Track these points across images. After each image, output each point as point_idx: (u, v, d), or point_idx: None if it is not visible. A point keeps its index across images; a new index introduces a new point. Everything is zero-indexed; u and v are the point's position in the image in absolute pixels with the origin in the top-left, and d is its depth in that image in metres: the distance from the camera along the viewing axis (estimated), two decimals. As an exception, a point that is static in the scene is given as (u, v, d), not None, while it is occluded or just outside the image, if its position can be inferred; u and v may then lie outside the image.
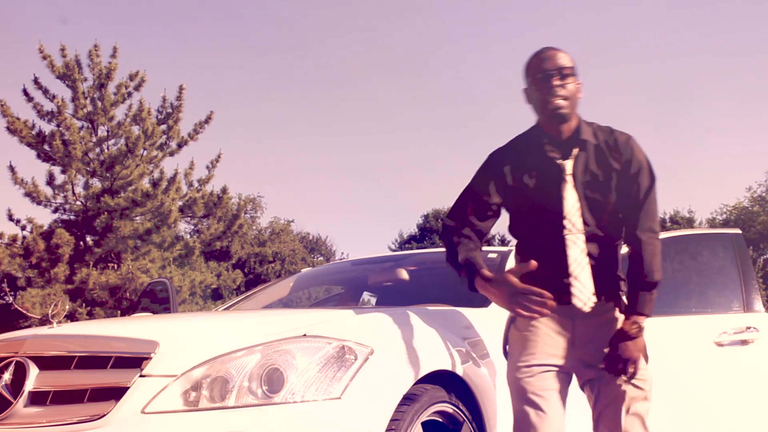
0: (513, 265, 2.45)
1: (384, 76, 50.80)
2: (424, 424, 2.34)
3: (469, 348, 2.62)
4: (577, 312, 2.33)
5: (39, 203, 14.72)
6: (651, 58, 49.17)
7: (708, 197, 56.42)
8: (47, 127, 14.56)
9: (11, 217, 14.65)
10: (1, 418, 2.14)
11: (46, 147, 14.31)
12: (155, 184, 14.43)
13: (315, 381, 2.12)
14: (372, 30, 50.45)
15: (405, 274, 3.86)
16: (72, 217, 15.10)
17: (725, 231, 3.86)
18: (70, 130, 14.22)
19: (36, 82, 14.57)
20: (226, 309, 4.10)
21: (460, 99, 50.16)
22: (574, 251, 2.31)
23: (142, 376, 2.09)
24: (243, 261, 29.36)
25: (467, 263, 2.34)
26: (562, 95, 2.30)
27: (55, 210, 15.09)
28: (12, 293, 14.53)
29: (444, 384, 2.44)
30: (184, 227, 19.52)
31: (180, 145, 15.56)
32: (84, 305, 14.03)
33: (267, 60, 48.68)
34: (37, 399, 2.17)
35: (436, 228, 35.79)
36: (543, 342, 2.35)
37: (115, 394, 2.08)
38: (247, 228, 24.32)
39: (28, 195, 14.50)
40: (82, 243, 14.92)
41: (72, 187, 14.85)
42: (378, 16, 50.52)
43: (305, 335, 2.23)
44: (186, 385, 2.07)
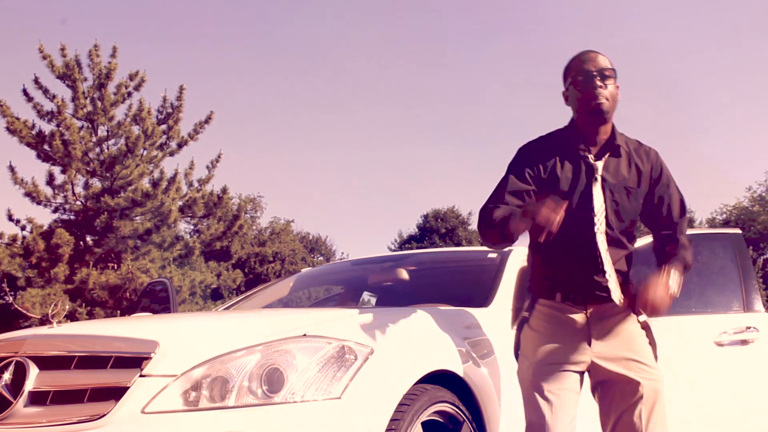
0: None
1: (384, 76, 50.84)
2: (424, 424, 2.34)
3: (469, 348, 2.62)
4: (593, 313, 2.38)
5: (39, 203, 14.73)
6: (651, 58, 49.20)
7: (708, 197, 56.43)
8: (47, 127, 14.58)
9: (11, 217, 14.66)
10: (1, 418, 2.14)
11: (46, 147, 14.31)
12: (155, 184, 14.44)
13: (315, 381, 2.12)
14: (372, 30, 50.49)
15: (405, 274, 3.86)
16: (72, 217, 15.10)
17: (725, 231, 3.86)
18: (70, 130, 14.22)
19: (36, 82, 14.57)
20: (226, 309, 4.10)
21: (460, 99, 50.19)
22: (602, 248, 2.38)
23: (142, 376, 2.09)
24: (243, 261, 29.35)
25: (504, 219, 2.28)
26: (604, 95, 2.35)
27: (55, 210, 15.10)
28: (12, 293, 14.53)
29: (444, 384, 2.44)
30: (184, 227, 19.49)
31: (180, 145, 15.57)
32: (84, 305, 14.03)
33: (267, 60, 48.71)
34: (37, 399, 2.17)
35: (436, 228, 35.79)
36: (561, 341, 2.38)
37: (115, 394, 2.08)
38: (247, 228, 24.30)
39: (28, 195, 14.50)
40: (82, 243, 14.92)
41: (72, 187, 14.86)
42: (378, 16, 50.55)
43: (305, 335, 2.23)
44: (186, 385, 2.07)
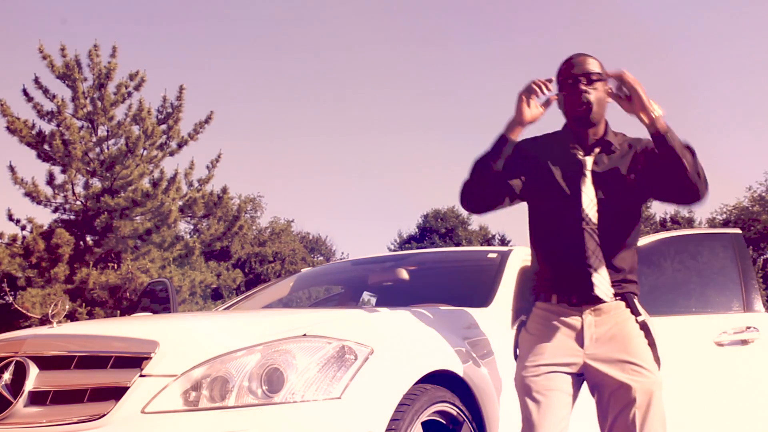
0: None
1: (384, 76, 50.82)
2: (424, 424, 2.34)
3: (469, 348, 2.62)
4: (587, 312, 2.36)
5: (39, 203, 14.73)
6: (651, 57, 49.18)
7: (708, 197, 56.34)
8: (47, 127, 14.60)
9: (11, 217, 14.66)
10: (1, 418, 2.14)
11: (46, 147, 14.32)
12: (155, 184, 14.44)
13: (315, 381, 2.12)
14: (372, 30, 50.48)
15: (405, 274, 3.86)
16: (72, 217, 15.10)
17: (725, 231, 3.86)
18: (70, 129, 14.22)
19: (36, 81, 14.58)
20: (226, 309, 4.10)
21: (460, 99, 50.17)
22: (591, 244, 2.36)
23: (142, 375, 2.09)
24: (243, 261, 29.35)
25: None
26: (587, 99, 2.35)
27: (55, 210, 15.11)
28: (12, 293, 14.53)
29: (444, 384, 2.44)
30: (184, 227, 19.50)
31: (180, 145, 15.57)
32: (84, 305, 14.03)
33: (267, 60, 48.71)
34: (37, 399, 2.17)
35: (436, 228, 35.79)
36: (553, 345, 2.37)
37: (115, 394, 2.08)
38: (247, 228, 24.30)
39: (28, 195, 14.51)
40: (82, 243, 14.92)
41: (72, 187, 14.86)
42: (378, 16, 50.54)
43: (305, 335, 2.23)
44: (186, 385, 2.07)
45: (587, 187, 2.39)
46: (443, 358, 2.46)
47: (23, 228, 14.67)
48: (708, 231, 4.52)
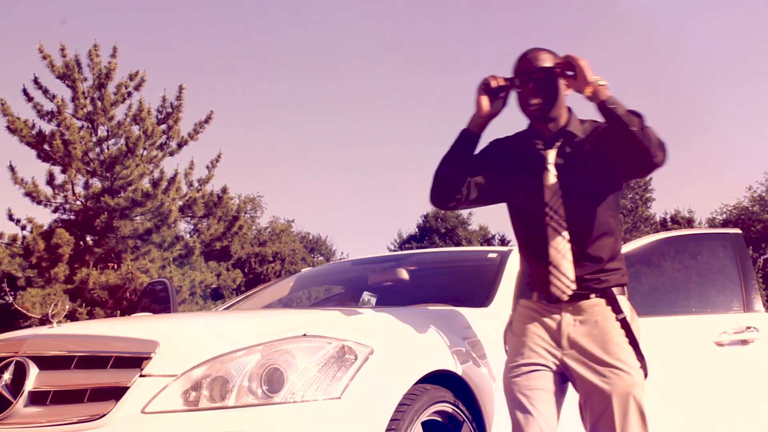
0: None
1: (384, 76, 50.84)
2: (424, 424, 2.34)
3: (469, 348, 2.62)
4: (567, 311, 2.32)
5: (39, 203, 14.73)
6: (651, 57, 49.19)
7: (708, 197, 56.42)
8: (47, 127, 14.60)
9: (11, 217, 14.67)
10: (1, 418, 2.14)
11: (46, 147, 14.32)
12: (155, 184, 14.44)
13: (315, 381, 2.12)
14: (372, 30, 50.49)
15: (405, 274, 3.86)
16: (72, 217, 15.11)
17: (725, 231, 3.85)
18: (70, 129, 14.23)
19: (36, 81, 14.58)
20: (226, 309, 4.10)
21: (460, 99, 50.18)
22: (554, 238, 2.33)
23: (142, 375, 2.09)
24: (243, 261, 29.35)
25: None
26: (538, 96, 2.33)
27: (55, 210, 15.11)
28: (12, 293, 14.54)
29: (444, 384, 2.44)
30: (184, 227, 19.50)
31: (180, 145, 15.57)
32: (84, 305, 14.04)
33: (267, 60, 48.72)
34: (37, 399, 2.17)
35: (436, 228, 35.79)
36: (531, 342, 2.34)
37: (115, 394, 2.08)
38: (247, 228, 24.31)
39: (28, 195, 14.51)
40: (82, 243, 14.92)
41: (72, 187, 14.86)
42: (379, 16, 50.57)
43: (305, 335, 2.23)
44: (186, 385, 2.07)
45: (549, 181, 2.35)
46: (443, 358, 2.46)
47: (23, 228, 14.69)
48: (708, 231, 4.53)
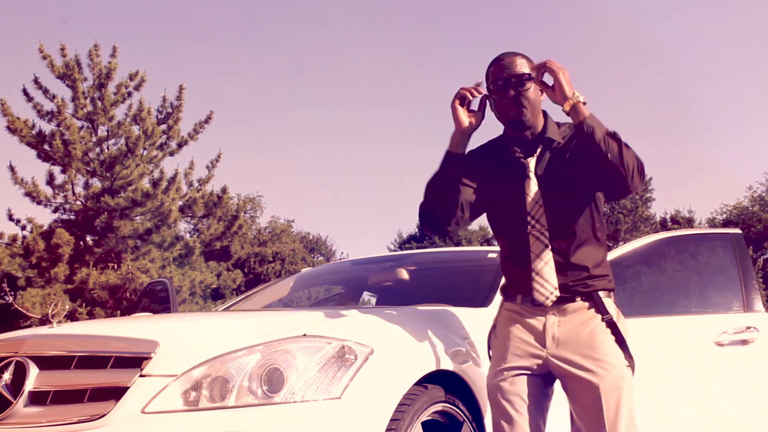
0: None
1: (384, 76, 50.85)
2: (424, 424, 2.34)
3: (469, 348, 2.62)
4: (551, 314, 2.30)
5: (39, 203, 14.72)
6: (651, 57, 49.19)
7: (708, 197, 56.43)
8: (47, 127, 14.57)
9: (11, 217, 14.66)
10: (1, 418, 2.14)
11: (46, 147, 14.31)
12: (155, 184, 14.43)
13: (315, 381, 2.12)
14: (372, 30, 50.50)
15: (405, 274, 3.86)
16: (72, 217, 15.10)
17: (725, 231, 3.85)
18: (70, 129, 14.22)
19: (36, 81, 14.57)
20: (226, 309, 4.10)
21: (460, 99, 50.03)
22: (537, 247, 2.31)
23: (142, 376, 2.09)
24: (243, 261, 29.35)
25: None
26: (519, 104, 2.29)
27: (55, 210, 15.10)
28: (12, 293, 14.53)
29: (444, 384, 2.44)
30: (184, 227, 19.50)
31: (180, 145, 15.56)
32: (84, 305, 14.03)
33: (267, 60, 48.72)
34: (37, 399, 2.17)
35: (436, 228, 35.73)
36: (514, 345, 2.32)
37: (115, 394, 2.08)
38: (247, 228, 24.31)
39: (28, 195, 14.50)
40: (82, 243, 14.92)
41: (72, 187, 14.85)
42: (379, 16, 50.58)
43: (305, 335, 2.23)
44: (186, 385, 2.07)
45: (531, 190, 2.33)
46: (443, 358, 2.46)
47: (23, 228, 14.67)
48: (708, 231, 4.52)
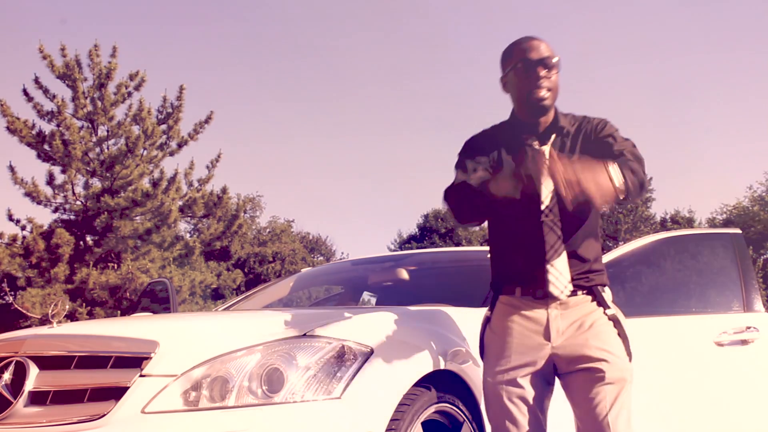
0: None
1: (384, 76, 50.85)
2: (424, 424, 2.34)
3: (469, 348, 2.62)
4: (554, 306, 2.26)
5: (39, 203, 14.72)
6: (651, 57, 49.20)
7: (708, 197, 56.45)
8: (47, 127, 14.57)
9: (11, 217, 14.65)
10: (1, 417, 2.14)
11: (46, 147, 14.31)
12: (155, 184, 14.43)
13: (315, 381, 2.12)
14: (372, 30, 50.50)
15: (405, 274, 3.86)
16: (72, 217, 15.10)
17: (725, 231, 3.85)
18: (70, 129, 14.22)
19: (36, 81, 14.57)
20: (226, 309, 4.10)
21: (460, 99, 50.18)
22: (551, 237, 2.26)
23: (142, 375, 2.09)
24: (243, 261, 29.36)
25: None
26: (546, 86, 2.26)
27: (55, 210, 15.10)
28: (12, 293, 14.53)
29: (444, 384, 2.44)
30: (184, 227, 19.53)
31: (180, 145, 15.57)
32: (84, 305, 14.03)
33: (267, 60, 48.72)
34: (37, 399, 2.17)
35: (436, 228, 35.78)
36: (518, 342, 2.27)
37: (115, 394, 2.08)
38: (247, 228, 24.31)
39: (28, 195, 14.50)
40: (82, 243, 14.92)
41: (72, 187, 14.86)
42: (379, 16, 50.56)
43: (305, 335, 2.24)
44: (186, 385, 2.07)
45: (546, 179, 2.24)
46: (443, 358, 2.46)
47: (23, 228, 14.67)
48: (708, 231, 4.51)
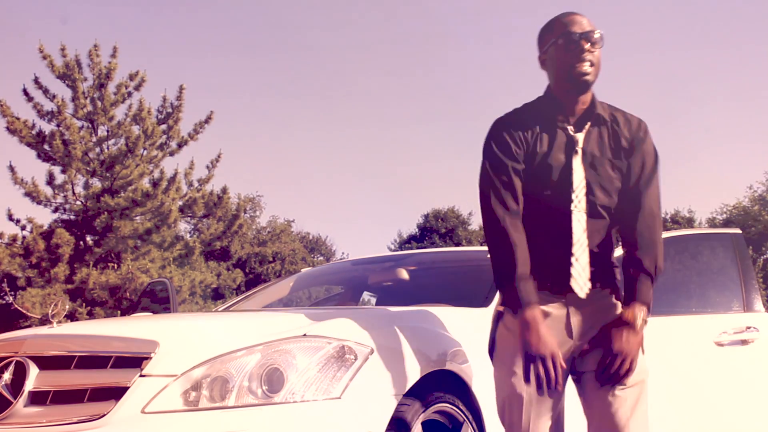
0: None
1: (384, 75, 50.86)
2: (424, 424, 2.34)
3: (469, 348, 2.62)
4: (572, 301, 2.18)
5: (39, 203, 14.73)
6: (651, 57, 49.21)
7: (708, 197, 56.45)
8: (47, 127, 14.59)
9: (11, 217, 14.66)
10: (1, 417, 2.14)
11: (46, 147, 14.32)
12: (155, 184, 14.44)
13: (315, 381, 2.12)
14: (372, 29, 50.50)
15: (405, 274, 3.86)
16: (72, 217, 15.11)
17: (725, 231, 3.85)
18: (70, 129, 14.22)
19: (36, 82, 14.58)
20: (226, 309, 4.10)
21: (461, 98, 50.20)
22: (577, 229, 2.17)
23: (142, 375, 2.09)
24: (243, 261, 29.36)
25: (517, 287, 2.10)
26: (589, 60, 2.17)
27: (55, 210, 15.11)
28: (12, 293, 14.54)
29: (444, 384, 2.44)
30: (184, 227, 19.52)
31: (180, 145, 15.57)
32: (84, 305, 14.04)
33: (267, 60, 48.72)
34: (37, 399, 2.17)
35: (436, 228, 35.79)
36: None
37: (115, 393, 2.08)
38: (247, 228, 24.32)
39: (28, 195, 14.50)
40: (82, 243, 14.92)
41: (72, 187, 14.86)
42: (378, 14, 50.57)
43: (305, 335, 2.23)
44: (186, 385, 2.07)
45: (577, 165, 2.18)
46: (443, 358, 2.47)
47: (23, 228, 14.68)
48: (708, 231, 4.52)
